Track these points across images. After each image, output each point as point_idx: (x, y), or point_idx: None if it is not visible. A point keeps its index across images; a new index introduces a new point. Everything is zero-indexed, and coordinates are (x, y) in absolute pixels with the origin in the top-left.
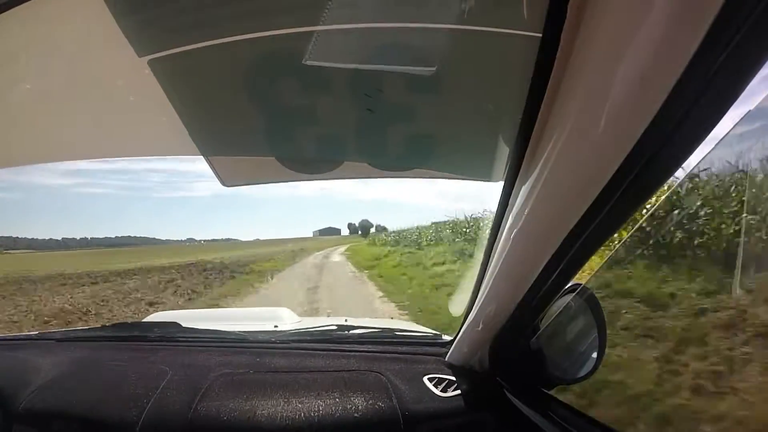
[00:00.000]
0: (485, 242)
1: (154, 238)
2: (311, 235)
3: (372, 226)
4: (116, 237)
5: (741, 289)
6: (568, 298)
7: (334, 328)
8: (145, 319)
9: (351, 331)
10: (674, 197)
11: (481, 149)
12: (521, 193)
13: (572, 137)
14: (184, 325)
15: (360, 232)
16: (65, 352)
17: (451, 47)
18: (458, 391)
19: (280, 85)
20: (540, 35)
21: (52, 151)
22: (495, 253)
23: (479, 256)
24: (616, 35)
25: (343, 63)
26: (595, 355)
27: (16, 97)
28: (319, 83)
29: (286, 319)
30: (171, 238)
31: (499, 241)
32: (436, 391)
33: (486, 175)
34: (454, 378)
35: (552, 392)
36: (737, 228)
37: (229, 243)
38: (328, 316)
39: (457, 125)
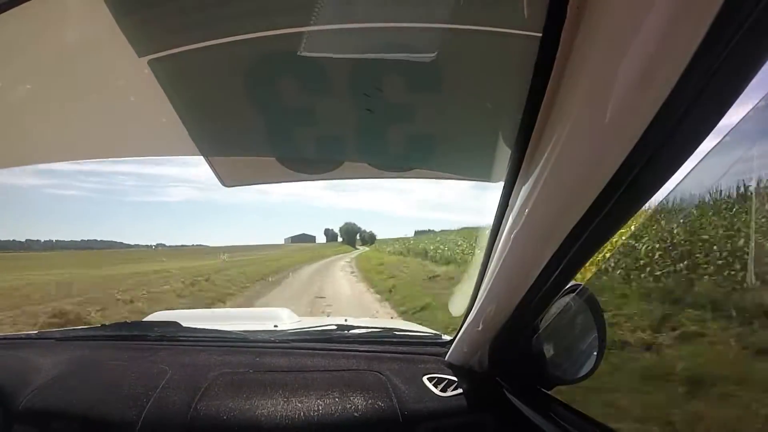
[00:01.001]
0: (485, 242)
1: (121, 243)
2: (282, 242)
3: (358, 231)
4: (81, 240)
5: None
6: (568, 298)
7: (334, 327)
8: (145, 319)
9: (351, 331)
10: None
11: (481, 149)
12: (521, 193)
13: (572, 137)
14: (183, 324)
15: (343, 239)
16: (65, 352)
17: (451, 47)
18: (458, 391)
19: (280, 85)
20: (540, 35)
21: (52, 151)
22: (495, 253)
23: (479, 256)
24: (616, 35)
25: (342, 63)
26: (594, 355)
27: (16, 97)
28: (319, 83)
29: (286, 319)
30: (140, 243)
31: (499, 241)
32: (436, 391)
33: (486, 175)
34: (453, 378)
35: (552, 392)
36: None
37: (197, 249)
38: (328, 316)
39: (457, 125)
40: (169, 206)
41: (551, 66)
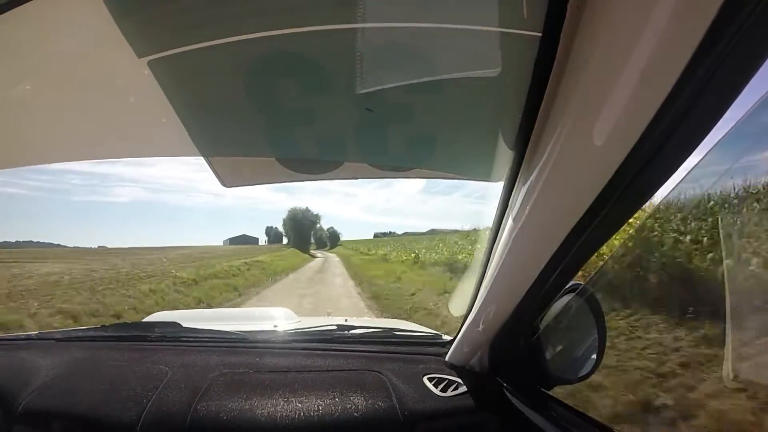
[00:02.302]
0: (485, 242)
1: (59, 245)
2: (221, 243)
3: (314, 226)
4: (16, 241)
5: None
6: (568, 298)
7: (334, 328)
8: (144, 319)
9: (351, 331)
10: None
11: (481, 149)
12: (521, 193)
13: (572, 137)
14: (183, 325)
15: (288, 240)
16: (65, 352)
17: (451, 47)
18: (458, 391)
19: (280, 85)
20: (540, 35)
21: (51, 152)
22: (495, 253)
23: (479, 256)
24: (616, 35)
25: (342, 63)
26: (594, 355)
27: (15, 97)
28: (320, 84)
29: (286, 319)
30: (79, 245)
31: (499, 241)
32: (436, 391)
33: (486, 175)
34: (454, 378)
35: (552, 392)
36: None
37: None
38: (328, 316)
39: (457, 125)
40: (115, 207)
41: (551, 66)
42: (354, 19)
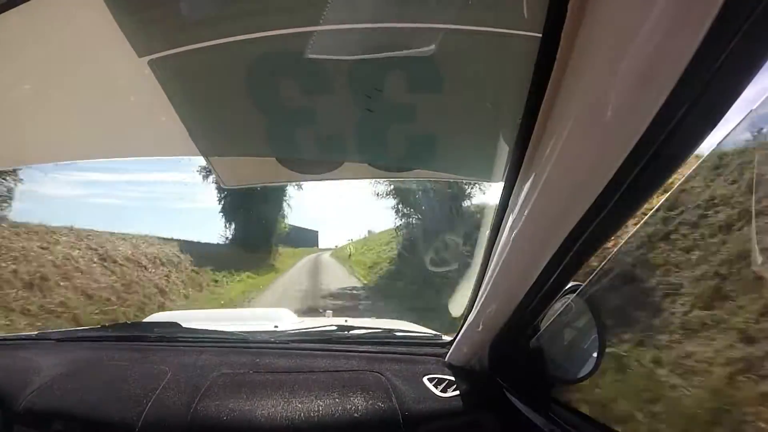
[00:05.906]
0: (485, 242)
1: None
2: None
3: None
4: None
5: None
6: (569, 298)
7: (334, 328)
8: (145, 319)
9: (351, 332)
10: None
11: (482, 149)
12: (521, 193)
13: (572, 137)
14: (184, 325)
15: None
16: (65, 352)
17: (452, 47)
18: (458, 392)
19: (280, 85)
20: (540, 35)
21: (52, 152)
22: (495, 253)
23: (479, 256)
24: (616, 35)
25: (343, 63)
26: (595, 355)
27: (15, 97)
28: (320, 84)
29: (286, 320)
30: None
31: (499, 242)
32: (436, 392)
33: (486, 175)
34: (454, 378)
35: (552, 393)
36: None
37: None
38: (328, 317)
39: (458, 125)
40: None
41: (551, 66)
42: (354, 20)
